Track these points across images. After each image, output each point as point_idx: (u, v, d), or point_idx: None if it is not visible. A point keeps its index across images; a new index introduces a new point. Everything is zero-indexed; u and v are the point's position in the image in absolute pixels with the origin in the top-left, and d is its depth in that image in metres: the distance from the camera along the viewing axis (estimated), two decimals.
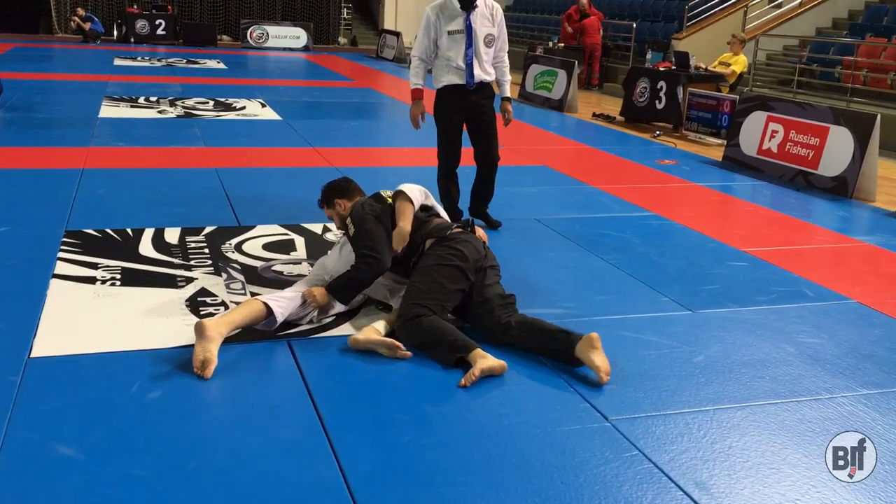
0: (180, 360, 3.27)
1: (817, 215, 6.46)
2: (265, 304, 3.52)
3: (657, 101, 10.66)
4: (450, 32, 4.97)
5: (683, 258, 4.99)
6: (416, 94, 5.17)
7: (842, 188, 7.06)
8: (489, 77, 5.15)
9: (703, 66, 10.80)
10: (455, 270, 3.60)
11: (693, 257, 5.01)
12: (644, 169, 7.88)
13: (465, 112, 5.17)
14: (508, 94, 5.37)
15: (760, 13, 14.29)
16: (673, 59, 11.30)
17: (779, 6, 14.54)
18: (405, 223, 3.78)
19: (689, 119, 10.07)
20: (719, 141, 9.31)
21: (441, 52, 5.04)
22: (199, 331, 3.24)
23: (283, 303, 3.57)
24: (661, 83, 10.60)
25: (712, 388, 3.27)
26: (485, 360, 3.25)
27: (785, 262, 4.98)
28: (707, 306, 4.18)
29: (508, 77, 5.30)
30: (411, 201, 3.86)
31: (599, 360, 3.26)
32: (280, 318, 3.54)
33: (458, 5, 4.94)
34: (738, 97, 9.04)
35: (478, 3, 4.98)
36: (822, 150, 7.33)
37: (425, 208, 4.00)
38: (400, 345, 3.37)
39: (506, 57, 5.24)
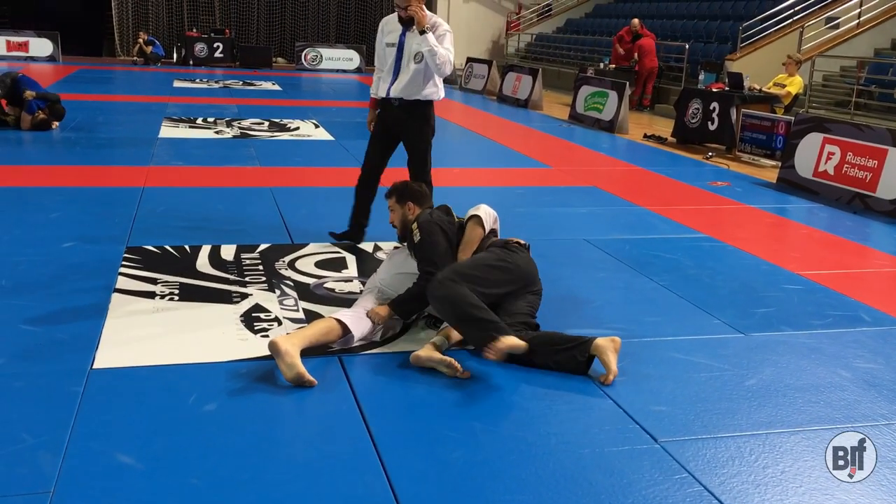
0: (235, 373, 3.35)
1: (875, 239, 6.33)
2: (340, 321, 3.59)
3: (709, 123, 10.56)
4: (387, 44, 5.02)
5: (736, 280, 4.93)
6: (370, 103, 5.26)
7: None
8: (410, 95, 4.95)
9: (758, 88, 10.68)
10: (500, 272, 3.71)
11: (746, 280, 4.95)
12: (696, 190, 7.81)
13: (386, 124, 5.11)
14: (426, 35, 4.79)
15: (817, 34, 14.09)
16: (726, 80, 11.19)
17: (836, 27, 14.32)
18: (463, 256, 3.89)
19: (742, 140, 9.95)
20: (773, 163, 9.18)
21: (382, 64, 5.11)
22: (274, 350, 3.29)
23: (357, 321, 3.65)
24: (714, 104, 10.51)
25: (765, 412, 3.22)
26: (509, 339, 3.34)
27: (841, 286, 4.89)
28: (760, 329, 4.12)
29: (442, 49, 4.79)
30: (483, 227, 3.98)
31: (614, 362, 3.38)
32: (357, 335, 3.62)
33: (397, 20, 4.98)
34: (793, 118, 8.91)
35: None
36: (881, 173, 7.18)
37: (492, 232, 4.12)
38: (458, 365, 3.40)
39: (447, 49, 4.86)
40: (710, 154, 10.04)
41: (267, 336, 3.73)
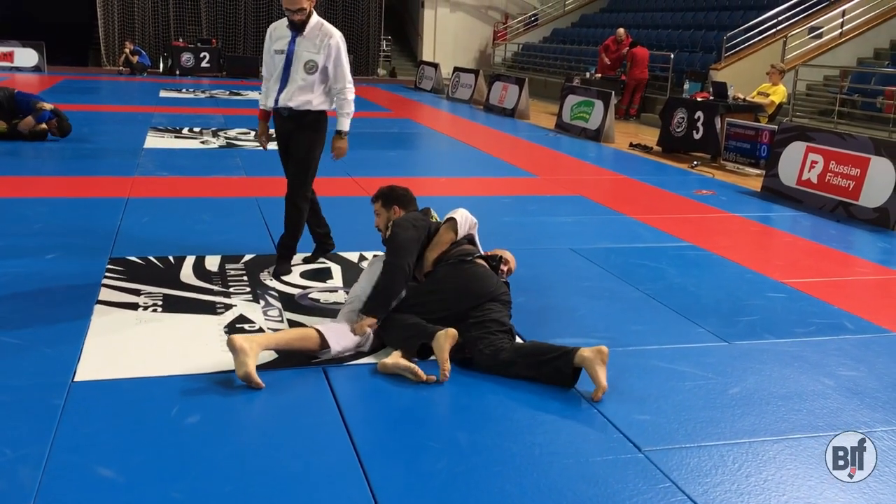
0: (218, 384, 3.33)
1: (858, 247, 6.37)
2: (318, 331, 3.58)
3: (694, 132, 10.62)
4: (275, 52, 4.74)
5: (720, 289, 4.95)
6: (259, 114, 5.00)
7: (883, 219, 6.96)
8: (300, 105, 4.70)
9: (742, 97, 10.76)
10: (437, 301, 3.77)
11: (730, 288, 4.97)
12: (681, 199, 7.85)
13: (281, 136, 4.87)
14: (343, 128, 4.84)
15: (800, 43, 14.20)
16: (711, 90, 11.27)
17: (819, 36, 14.44)
18: (431, 255, 3.93)
19: (727, 149, 10.01)
20: (758, 171, 9.24)
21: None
22: (230, 346, 3.34)
23: (337, 334, 3.63)
24: (699, 113, 10.57)
25: (748, 421, 3.23)
26: (445, 344, 3.46)
27: (824, 294, 4.92)
28: (744, 338, 4.14)
29: (348, 110, 4.83)
30: (455, 232, 3.98)
31: (603, 376, 3.32)
32: (336, 348, 3.60)
33: (286, 25, 4.70)
34: (777, 127, 8.97)
35: (307, 29, 4.66)
36: (863, 181, 7.24)
37: (469, 238, 4.12)
38: (421, 371, 3.42)
39: (345, 89, 4.80)
40: (695, 163, 10.10)
41: None
